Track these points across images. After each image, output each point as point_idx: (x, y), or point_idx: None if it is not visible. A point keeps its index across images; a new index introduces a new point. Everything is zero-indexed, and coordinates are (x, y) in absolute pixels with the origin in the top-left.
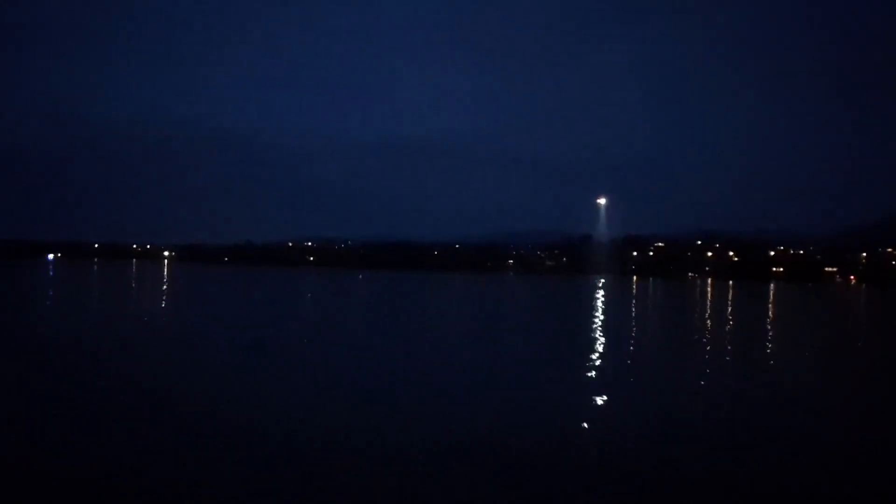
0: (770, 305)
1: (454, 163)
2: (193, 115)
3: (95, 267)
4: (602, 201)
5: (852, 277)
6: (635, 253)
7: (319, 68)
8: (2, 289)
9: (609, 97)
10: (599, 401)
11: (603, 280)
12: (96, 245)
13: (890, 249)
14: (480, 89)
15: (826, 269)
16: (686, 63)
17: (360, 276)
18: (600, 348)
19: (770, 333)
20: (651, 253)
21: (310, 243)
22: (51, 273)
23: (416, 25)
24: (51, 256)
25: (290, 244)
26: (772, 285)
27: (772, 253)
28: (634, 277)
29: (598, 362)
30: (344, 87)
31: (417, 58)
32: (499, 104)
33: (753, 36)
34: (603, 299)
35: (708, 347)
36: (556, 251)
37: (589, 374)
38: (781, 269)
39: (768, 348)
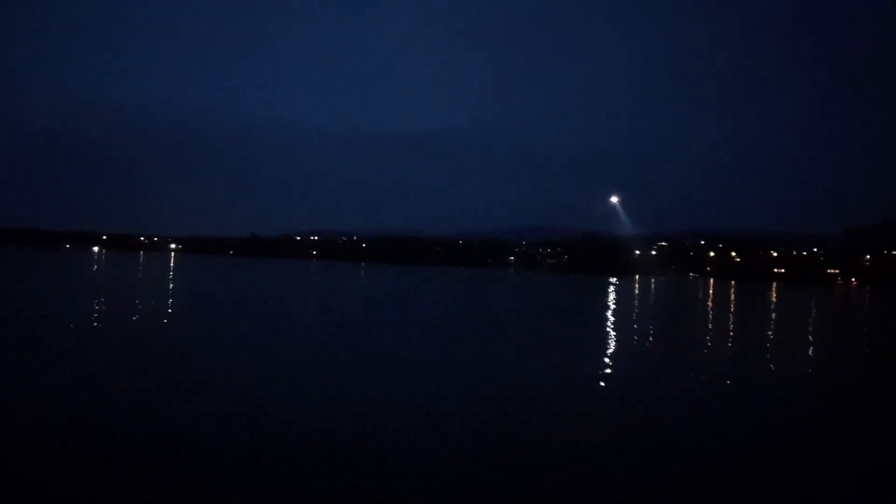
0: (766, 307)
1: (459, 157)
2: (203, 107)
3: (113, 258)
4: (615, 199)
5: (853, 280)
6: (638, 252)
7: (328, 63)
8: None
9: (615, 95)
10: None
11: (610, 279)
12: (104, 237)
13: (894, 252)
14: (487, 84)
15: (828, 270)
16: (692, 61)
17: (362, 271)
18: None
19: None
20: (653, 252)
21: (314, 237)
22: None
23: (424, 20)
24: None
25: (298, 238)
26: (773, 286)
27: (774, 254)
28: (637, 276)
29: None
30: (352, 81)
31: (424, 52)
32: (505, 99)
33: (759, 34)
34: (607, 301)
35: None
36: (558, 248)
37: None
38: (783, 270)
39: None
